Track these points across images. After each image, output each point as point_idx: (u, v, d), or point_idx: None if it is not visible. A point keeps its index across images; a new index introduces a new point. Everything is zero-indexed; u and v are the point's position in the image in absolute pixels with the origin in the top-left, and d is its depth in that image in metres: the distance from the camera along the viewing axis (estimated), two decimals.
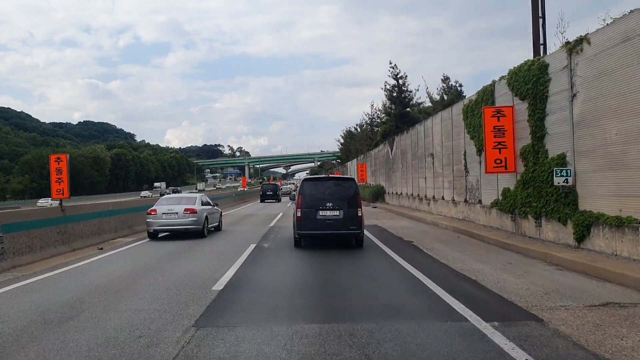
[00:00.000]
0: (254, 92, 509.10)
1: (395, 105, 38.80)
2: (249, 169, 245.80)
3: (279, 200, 47.00)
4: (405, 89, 38.66)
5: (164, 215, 15.28)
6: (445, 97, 34.67)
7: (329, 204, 12.22)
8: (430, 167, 22.53)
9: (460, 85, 33.96)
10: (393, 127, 38.67)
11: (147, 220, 15.36)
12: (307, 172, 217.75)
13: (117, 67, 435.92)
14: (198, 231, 15.61)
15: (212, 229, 17.22)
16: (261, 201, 45.59)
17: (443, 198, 20.60)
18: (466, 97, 19.96)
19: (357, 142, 70.69)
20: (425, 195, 23.45)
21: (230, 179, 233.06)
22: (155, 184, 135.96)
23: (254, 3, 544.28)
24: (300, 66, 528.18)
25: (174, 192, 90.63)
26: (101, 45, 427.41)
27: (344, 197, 12.38)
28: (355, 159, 55.56)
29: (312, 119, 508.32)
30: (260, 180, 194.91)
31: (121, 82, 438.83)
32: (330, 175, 20.74)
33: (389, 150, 32.89)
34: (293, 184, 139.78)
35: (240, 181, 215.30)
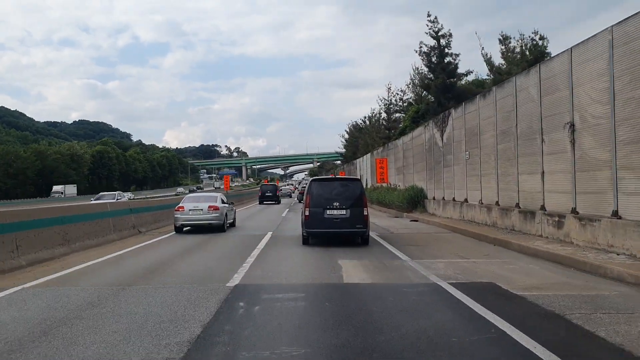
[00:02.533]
0: (252, 92, 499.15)
1: (435, 74, 27.60)
2: (246, 170, 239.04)
3: (279, 202, 42.42)
4: (449, 51, 27.51)
5: (190, 211, 16.61)
6: (516, 57, 23.49)
7: (336, 204, 12.38)
8: (562, 149, 11.33)
9: (542, 38, 22.61)
10: (433, 105, 27.48)
11: (175, 215, 16.67)
12: (306, 172, 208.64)
13: (115, 68, 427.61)
14: (219, 226, 16.83)
15: (228, 224, 18.06)
16: (260, 203, 41.57)
17: (617, 215, 9.38)
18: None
19: (367, 136, 59.63)
20: (543, 206, 12.23)
21: (230, 179, 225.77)
22: (56, 188, 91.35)
23: (252, 3, 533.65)
24: (298, 67, 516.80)
25: (197, 189, 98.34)
26: (99, 45, 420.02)
27: (351, 197, 12.56)
28: (369, 154, 44.42)
29: (310, 120, 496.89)
30: (257, 181, 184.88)
31: (119, 82, 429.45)
32: (337, 176, 19.76)
33: (437, 135, 21.69)
34: (292, 184, 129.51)
35: (237, 181, 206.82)
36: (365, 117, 67.04)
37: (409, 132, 29.23)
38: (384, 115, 49.18)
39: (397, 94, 41.16)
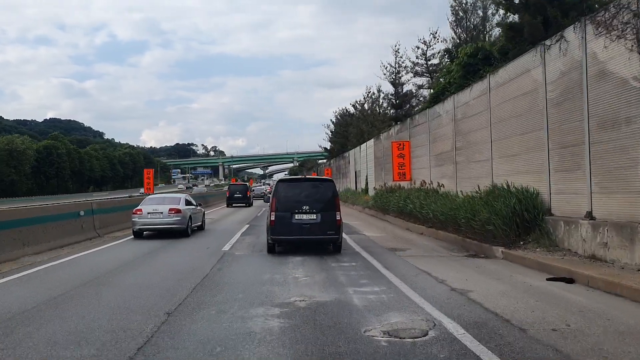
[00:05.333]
0: (231, 92, 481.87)
1: None
2: (224, 169, 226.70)
3: (250, 205, 36.79)
4: None
5: (149, 214, 15.44)
6: None
7: (306, 207, 11.22)
8: None
9: None
10: (531, 26, 14.05)
11: (133, 219, 15.60)
12: (286, 172, 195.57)
13: (92, 66, 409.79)
14: (182, 230, 15.57)
15: (195, 228, 17.03)
16: (228, 205, 36.06)
17: None
18: None
19: (361, 121, 46.31)
20: None
21: (202, 179, 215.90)
22: None
23: (232, 2, 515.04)
24: (279, 66, 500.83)
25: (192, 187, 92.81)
26: (76, 43, 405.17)
27: (322, 200, 11.38)
28: (370, 141, 30.86)
29: (291, 120, 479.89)
30: (234, 180, 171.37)
31: (96, 81, 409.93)
32: (307, 177, 17.39)
33: (622, 50, 8.26)
34: (268, 184, 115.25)
35: (206, 182, 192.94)
36: (356, 102, 53.78)
37: (457, 88, 15.85)
38: (389, 89, 35.90)
39: (419, 48, 27.33)
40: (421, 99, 28.13)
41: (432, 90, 23.23)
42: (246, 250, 12.02)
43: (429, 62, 26.26)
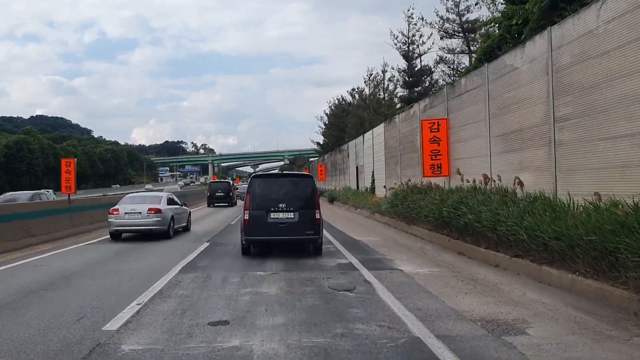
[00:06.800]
0: (222, 90, 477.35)
1: None
2: (213, 167, 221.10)
3: (233, 204, 33.63)
4: None
5: (126, 215, 14.44)
6: None
7: (282, 205, 10.35)
8: None
9: None
10: None
11: (109, 220, 14.69)
12: (277, 170, 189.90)
13: (81, 64, 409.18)
14: (162, 232, 14.46)
15: (180, 229, 16.12)
16: (209, 205, 33.62)
17: None
18: None
19: (361, 109, 39.67)
20: None
21: (191, 177, 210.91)
22: None
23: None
24: (269, 65, 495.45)
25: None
26: (65, 40, 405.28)
27: (300, 197, 10.55)
28: (381, 126, 24.17)
29: (281, 119, 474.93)
30: (212, 180, 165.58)
31: (86, 78, 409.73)
32: (284, 172, 17.81)
33: None
34: None
35: (190, 180, 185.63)
36: (354, 88, 47.01)
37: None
38: (401, 63, 29.24)
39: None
40: (451, 69, 21.54)
41: (482, 45, 16.39)
42: (156, 334, 5.11)
43: (463, 18, 19.80)
